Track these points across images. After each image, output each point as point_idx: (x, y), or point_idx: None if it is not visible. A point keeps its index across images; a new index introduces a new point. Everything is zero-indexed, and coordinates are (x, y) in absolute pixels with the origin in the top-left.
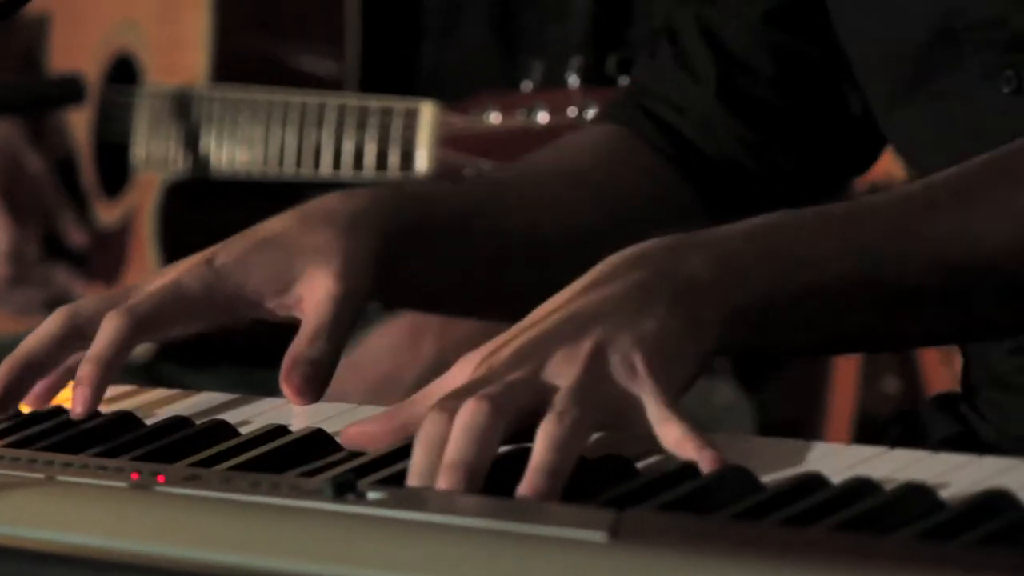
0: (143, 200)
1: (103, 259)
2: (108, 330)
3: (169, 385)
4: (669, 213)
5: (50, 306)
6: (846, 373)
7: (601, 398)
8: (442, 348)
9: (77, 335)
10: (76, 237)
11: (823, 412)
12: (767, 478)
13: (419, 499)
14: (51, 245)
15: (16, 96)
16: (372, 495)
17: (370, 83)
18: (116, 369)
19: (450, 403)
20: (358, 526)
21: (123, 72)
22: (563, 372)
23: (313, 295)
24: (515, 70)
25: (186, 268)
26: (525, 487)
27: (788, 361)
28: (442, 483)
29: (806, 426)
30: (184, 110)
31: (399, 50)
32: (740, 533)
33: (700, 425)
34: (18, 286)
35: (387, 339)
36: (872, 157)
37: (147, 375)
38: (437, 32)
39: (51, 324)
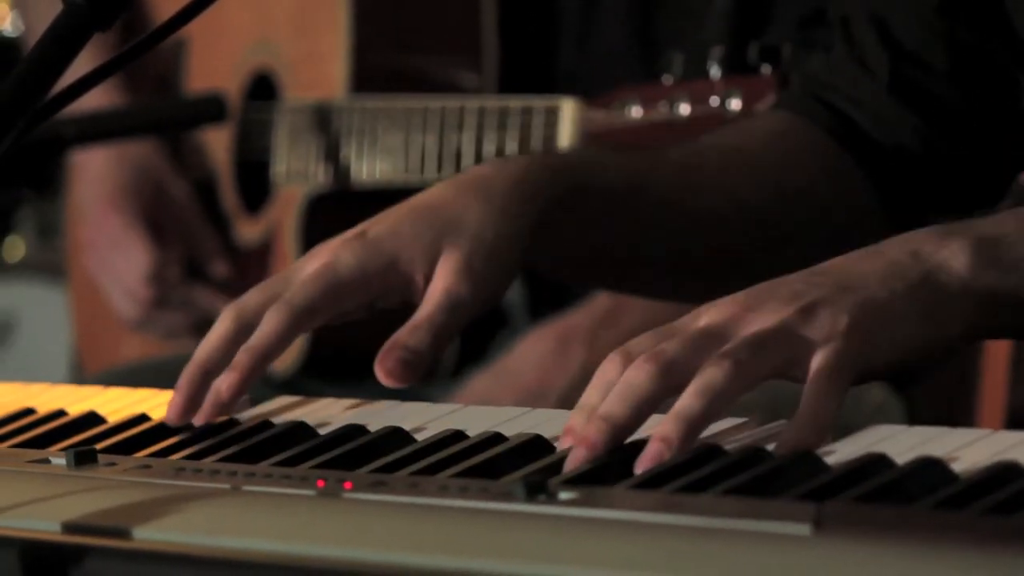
0: (284, 215)
1: (246, 277)
2: (268, 324)
3: None
4: (841, 198)
5: (195, 328)
6: (995, 370)
7: (786, 346)
8: (591, 355)
9: (247, 331)
10: (218, 265)
11: (973, 410)
12: (958, 468)
13: (611, 497)
14: (192, 266)
15: (160, 116)
16: (563, 495)
17: (509, 88)
18: (272, 361)
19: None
20: (551, 526)
21: (262, 90)
22: (763, 319)
23: (436, 283)
24: (655, 65)
25: (340, 244)
26: (658, 430)
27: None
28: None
29: (957, 424)
30: (324, 123)
31: (537, 53)
32: (944, 523)
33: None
34: (162, 309)
35: (536, 347)
36: None
37: (291, 391)
38: (574, 32)
39: (220, 326)
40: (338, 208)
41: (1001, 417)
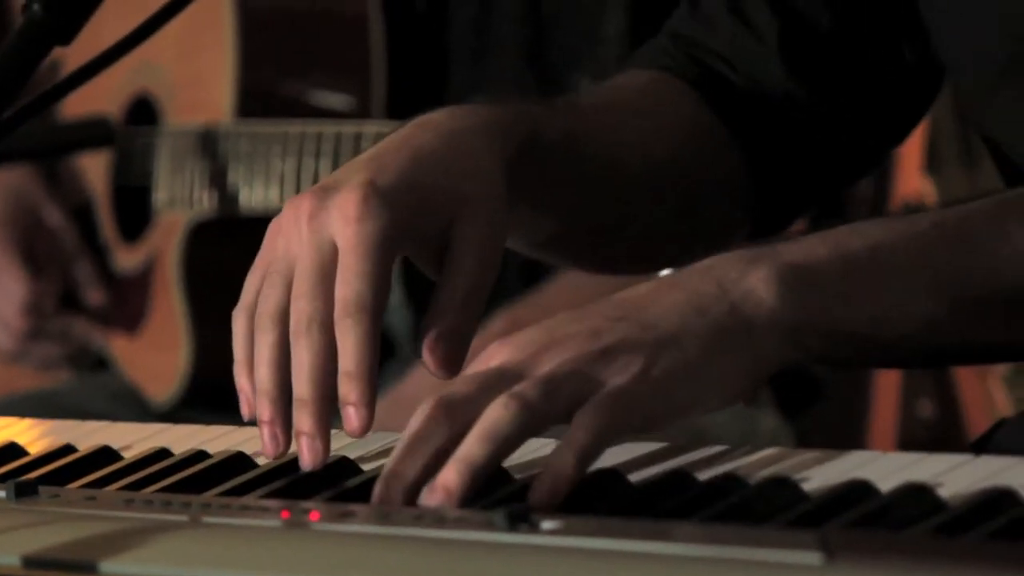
0: (166, 243)
1: (124, 306)
2: (353, 340)
3: None
4: (713, 165)
5: (71, 359)
6: (886, 398)
7: (579, 387)
8: None
9: (286, 334)
10: (94, 295)
11: (864, 436)
12: (944, 494)
13: (597, 526)
14: (69, 295)
15: (42, 141)
16: (547, 524)
17: (398, 114)
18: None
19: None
20: (535, 556)
21: (142, 113)
22: (559, 358)
23: (464, 250)
24: (552, 87)
25: (357, 205)
26: (440, 478)
27: (828, 388)
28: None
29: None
30: (209, 148)
31: (426, 78)
32: (950, 550)
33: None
34: (37, 340)
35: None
36: (916, 120)
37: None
38: (466, 56)
39: (265, 346)
40: (223, 235)
41: (892, 442)
